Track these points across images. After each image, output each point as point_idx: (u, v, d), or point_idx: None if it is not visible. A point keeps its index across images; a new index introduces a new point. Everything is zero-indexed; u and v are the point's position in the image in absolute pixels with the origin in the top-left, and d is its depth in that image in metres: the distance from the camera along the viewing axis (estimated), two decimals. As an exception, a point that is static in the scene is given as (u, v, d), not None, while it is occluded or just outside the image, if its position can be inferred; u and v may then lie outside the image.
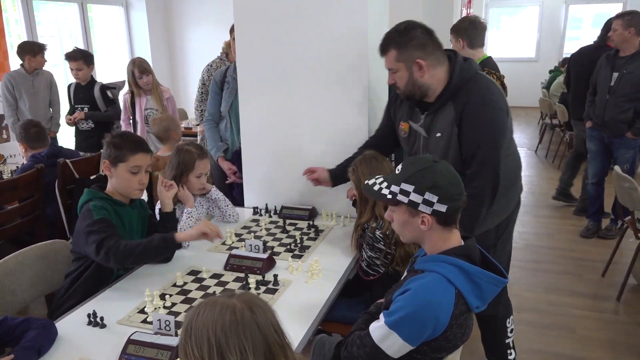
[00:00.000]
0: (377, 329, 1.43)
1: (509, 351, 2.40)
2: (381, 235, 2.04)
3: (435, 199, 1.39)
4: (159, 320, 1.62)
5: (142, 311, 1.78)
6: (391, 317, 1.40)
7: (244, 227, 2.55)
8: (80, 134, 4.48)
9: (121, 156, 2.01)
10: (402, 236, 1.55)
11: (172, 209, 2.20)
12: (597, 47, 4.46)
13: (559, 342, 2.89)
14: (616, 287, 3.43)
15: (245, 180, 2.94)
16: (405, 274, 1.64)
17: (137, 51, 6.91)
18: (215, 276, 2.02)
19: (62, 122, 4.69)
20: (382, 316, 1.44)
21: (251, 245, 2.20)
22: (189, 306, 1.81)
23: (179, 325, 1.64)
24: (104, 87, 4.43)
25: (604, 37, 4.38)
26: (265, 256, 2.08)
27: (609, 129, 4.03)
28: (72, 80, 4.49)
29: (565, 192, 5.13)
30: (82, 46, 5.65)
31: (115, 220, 2.01)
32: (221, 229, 2.49)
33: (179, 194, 2.36)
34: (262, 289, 1.90)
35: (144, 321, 1.71)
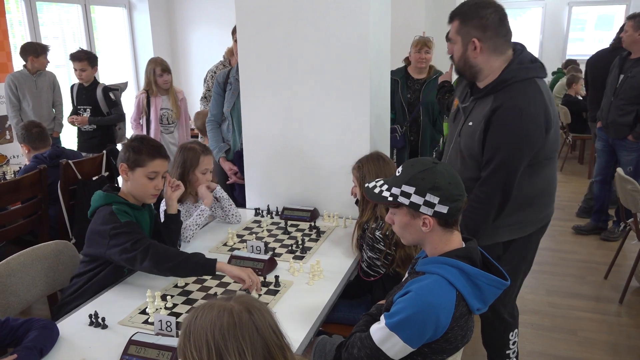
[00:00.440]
0: (378, 331, 1.43)
1: None
2: (381, 235, 2.04)
3: (436, 200, 1.39)
4: (160, 321, 1.62)
5: (143, 312, 1.78)
6: (392, 319, 1.40)
7: (246, 228, 2.56)
8: (82, 135, 4.49)
9: (139, 161, 2.00)
10: (403, 239, 1.55)
11: (176, 210, 2.20)
12: (614, 49, 4.44)
13: (560, 344, 2.88)
14: (619, 289, 3.42)
15: (247, 181, 2.94)
16: (406, 275, 1.65)
17: (139, 52, 6.92)
18: (216, 277, 2.02)
19: (65, 122, 4.70)
20: (382, 318, 1.44)
21: (253, 246, 2.21)
22: (190, 307, 1.81)
23: (180, 326, 1.64)
24: (107, 89, 4.44)
25: (620, 39, 4.38)
26: (266, 257, 2.08)
27: (611, 131, 4.04)
28: (75, 81, 4.50)
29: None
30: (85, 47, 5.67)
31: None
32: (222, 230, 2.52)
33: (199, 191, 2.38)
34: (264, 290, 1.91)
35: (145, 322, 1.72)
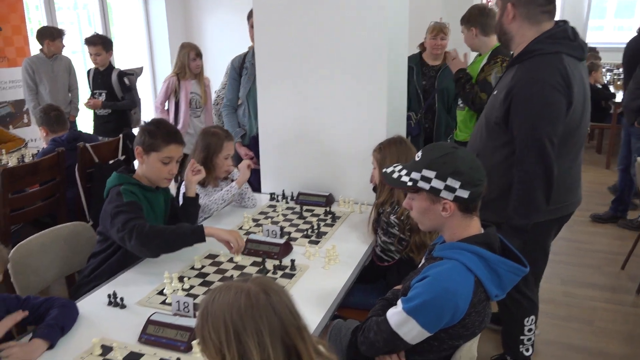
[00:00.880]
0: (395, 315, 1.43)
1: (523, 348, 2.37)
2: (396, 220, 2.03)
3: (457, 184, 1.38)
4: (178, 302, 1.64)
5: (160, 293, 1.80)
6: (409, 304, 1.40)
7: (261, 213, 2.56)
8: (97, 119, 4.52)
9: (154, 145, 2.01)
10: (421, 224, 1.54)
11: (195, 194, 2.21)
12: None
13: (575, 333, 2.86)
14: (636, 279, 3.38)
15: (262, 165, 2.94)
16: (422, 261, 1.64)
17: (155, 38, 6.92)
18: (232, 260, 2.03)
19: (81, 107, 4.74)
20: (399, 302, 1.43)
21: (268, 230, 2.21)
22: (206, 289, 1.82)
23: (197, 307, 1.66)
24: (122, 74, 4.46)
25: None
26: (282, 241, 2.08)
27: (625, 117, 4.02)
28: (91, 67, 4.52)
29: None
30: (101, 33, 5.68)
31: (145, 205, 2.02)
32: (238, 214, 2.54)
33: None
34: (279, 273, 1.91)
35: (163, 302, 1.74)
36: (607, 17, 10.77)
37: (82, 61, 5.82)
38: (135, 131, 3.38)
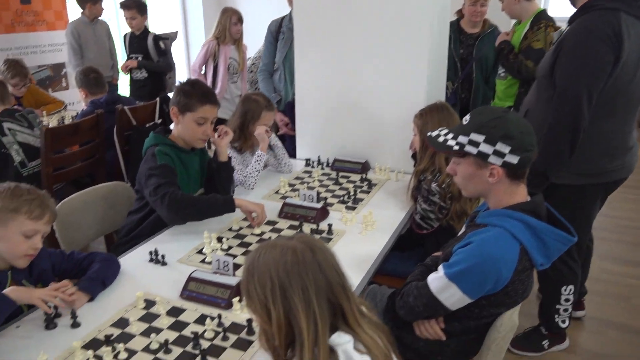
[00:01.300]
0: (436, 280, 1.42)
1: (559, 319, 2.34)
2: (437, 188, 2.00)
3: (507, 149, 1.34)
4: (218, 260, 1.66)
5: (200, 252, 1.82)
6: (451, 269, 1.38)
7: (297, 178, 2.56)
8: (134, 84, 4.56)
9: (189, 105, 2.01)
10: (465, 190, 1.51)
11: (227, 158, 2.21)
12: None
13: (612, 310, 2.81)
14: (676, 258, 3.29)
15: (298, 131, 2.93)
16: (463, 229, 1.61)
17: (188, 4, 6.89)
18: (270, 223, 2.04)
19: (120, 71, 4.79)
20: (441, 268, 1.42)
21: (305, 195, 2.21)
22: (245, 250, 1.84)
23: (236, 266, 1.68)
24: (157, 38, 4.48)
25: None
26: (319, 206, 2.08)
27: None
28: (126, 32, 4.55)
29: None
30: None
31: (179, 166, 2.04)
32: (274, 178, 2.54)
33: (257, 132, 2.39)
34: (316, 237, 1.91)
35: (202, 261, 1.76)
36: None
37: (115, 27, 5.84)
38: (171, 95, 3.40)
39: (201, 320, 1.44)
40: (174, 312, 1.48)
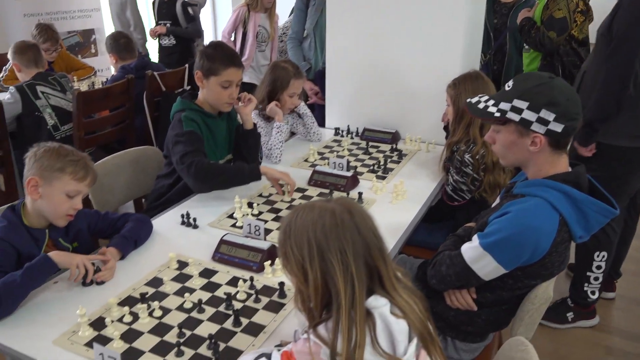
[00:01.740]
0: (470, 250, 1.40)
1: (589, 288, 2.30)
2: (470, 159, 1.96)
3: (551, 117, 1.29)
4: (249, 224, 1.66)
5: (230, 216, 1.83)
6: (487, 239, 1.35)
7: (326, 147, 2.54)
8: (162, 50, 4.57)
9: (213, 69, 1.99)
10: (504, 159, 1.47)
11: (252, 125, 2.18)
12: None
13: (642, 289, 2.76)
14: None
15: (327, 100, 2.89)
16: (497, 200, 1.58)
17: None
18: (299, 190, 2.03)
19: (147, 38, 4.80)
20: (476, 237, 1.39)
21: (335, 163, 2.19)
22: (275, 215, 1.84)
23: (267, 231, 1.68)
24: (186, 4, 4.45)
25: None
26: (349, 174, 2.06)
27: None
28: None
29: None
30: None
31: (205, 131, 2.03)
32: (303, 146, 2.52)
33: (268, 108, 2.35)
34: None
35: (233, 225, 1.77)
36: None
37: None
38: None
39: (233, 282, 1.45)
40: (207, 273, 1.49)
